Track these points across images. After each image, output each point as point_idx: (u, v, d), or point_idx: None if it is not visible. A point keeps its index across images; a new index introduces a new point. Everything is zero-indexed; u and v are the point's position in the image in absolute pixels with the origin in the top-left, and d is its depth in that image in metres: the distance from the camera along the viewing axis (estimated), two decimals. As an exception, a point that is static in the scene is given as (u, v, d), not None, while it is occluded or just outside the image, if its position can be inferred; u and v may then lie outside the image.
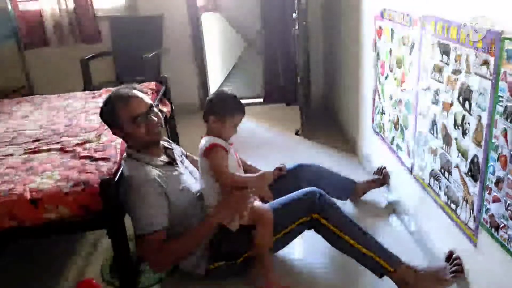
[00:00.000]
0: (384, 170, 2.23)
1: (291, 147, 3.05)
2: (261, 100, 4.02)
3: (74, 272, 1.88)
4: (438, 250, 1.67)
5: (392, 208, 2.17)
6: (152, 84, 2.53)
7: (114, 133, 1.66)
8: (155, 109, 1.65)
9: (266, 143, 3.15)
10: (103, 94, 2.63)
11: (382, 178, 2.23)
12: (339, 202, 2.05)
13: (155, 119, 1.61)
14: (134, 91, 1.62)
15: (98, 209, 1.49)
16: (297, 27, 2.98)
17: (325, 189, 1.98)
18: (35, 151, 1.82)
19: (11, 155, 1.81)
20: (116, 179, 1.56)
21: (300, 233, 1.71)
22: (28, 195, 1.47)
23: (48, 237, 1.61)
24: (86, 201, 1.48)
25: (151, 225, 1.53)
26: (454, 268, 1.50)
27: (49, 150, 1.83)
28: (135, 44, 3.48)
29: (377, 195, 2.27)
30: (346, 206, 2.17)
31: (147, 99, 1.64)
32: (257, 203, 1.68)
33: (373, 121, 2.38)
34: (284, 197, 1.70)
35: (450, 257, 1.55)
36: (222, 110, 1.63)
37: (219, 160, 1.60)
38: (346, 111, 3.07)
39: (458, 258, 1.51)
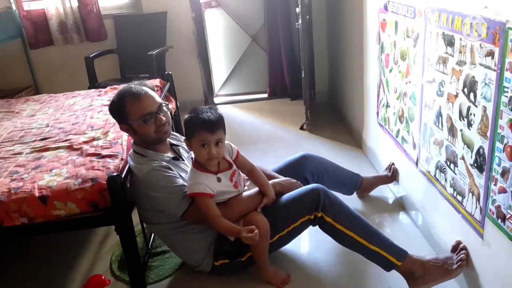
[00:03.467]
0: (393, 167, 2.21)
1: (296, 141, 3.05)
2: (265, 95, 4.02)
3: (84, 268, 1.91)
4: (445, 243, 1.67)
5: (399, 201, 2.18)
6: (157, 81, 2.54)
7: (121, 129, 1.67)
8: (165, 108, 1.66)
9: (271, 138, 3.16)
10: (109, 92, 2.65)
11: (391, 175, 2.20)
12: (344, 197, 2.07)
13: (164, 118, 1.63)
14: (146, 89, 1.63)
15: (106, 206, 1.51)
16: (300, 22, 2.97)
17: (329, 182, 1.98)
18: (43, 149, 1.84)
19: (20, 153, 1.83)
20: (123, 176, 1.58)
21: (303, 230, 1.68)
22: (37, 192, 1.49)
23: (58, 233, 1.63)
24: (94, 197, 1.50)
25: (185, 199, 1.55)
26: (459, 257, 1.50)
27: (57, 148, 1.85)
28: (139, 42, 3.50)
29: (384, 189, 2.26)
30: (354, 201, 2.17)
31: (158, 97, 1.66)
32: (256, 215, 1.60)
33: (378, 114, 2.38)
34: (286, 195, 1.67)
35: (456, 247, 1.55)
36: (186, 130, 1.55)
37: (205, 210, 1.53)
38: (351, 105, 3.06)
39: (464, 248, 1.51)
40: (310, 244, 1.92)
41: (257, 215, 1.60)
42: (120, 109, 1.61)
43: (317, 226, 1.66)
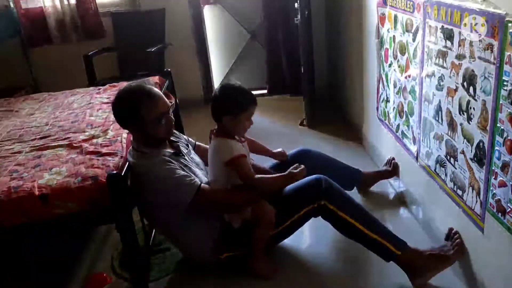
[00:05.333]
0: (393, 162, 2.20)
1: (296, 138, 3.05)
2: (264, 91, 4.02)
3: (85, 266, 1.91)
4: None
5: (399, 196, 2.17)
6: (156, 78, 2.54)
7: (128, 129, 1.67)
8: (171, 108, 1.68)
9: (271, 134, 3.15)
10: (108, 90, 2.64)
11: (391, 169, 2.20)
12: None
13: (173, 118, 1.65)
14: (156, 89, 1.63)
15: (106, 204, 1.51)
16: (299, 17, 2.96)
17: (330, 177, 1.98)
18: (42, 148, 1.84)
19: (19, 152, 1.83)
20: (123, 174, 1.58)
21: (307, 220, 1.70)
22: (37, 191, 1.49)
23: (58, 232, 1.63)
24: (94, 196, 1.50)
25: (191, 186, 1.55)
26: (454, 242, 1.53)
27: (56, 146, 1.85)
28: (138, 39, 3.49)
29: (384, 184, 2.26)
30: (354, 196, 2.10)
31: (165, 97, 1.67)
32: (263, 203, 1.65)
33: (377, 109, 2.37)
34: (289, 186, 1.69)
35: (449, 234, 1.58)
36: (234, 108, 1.58)
37: (246, 170, 1.60)
38: (351, 100, 3.06)
39: (457, 233, 1.54)
40: (310, 239, 1.93)
41: (265, 203, 1.63)
42: (135, 110, 1.55)
43: (317, 219, 1.68)
